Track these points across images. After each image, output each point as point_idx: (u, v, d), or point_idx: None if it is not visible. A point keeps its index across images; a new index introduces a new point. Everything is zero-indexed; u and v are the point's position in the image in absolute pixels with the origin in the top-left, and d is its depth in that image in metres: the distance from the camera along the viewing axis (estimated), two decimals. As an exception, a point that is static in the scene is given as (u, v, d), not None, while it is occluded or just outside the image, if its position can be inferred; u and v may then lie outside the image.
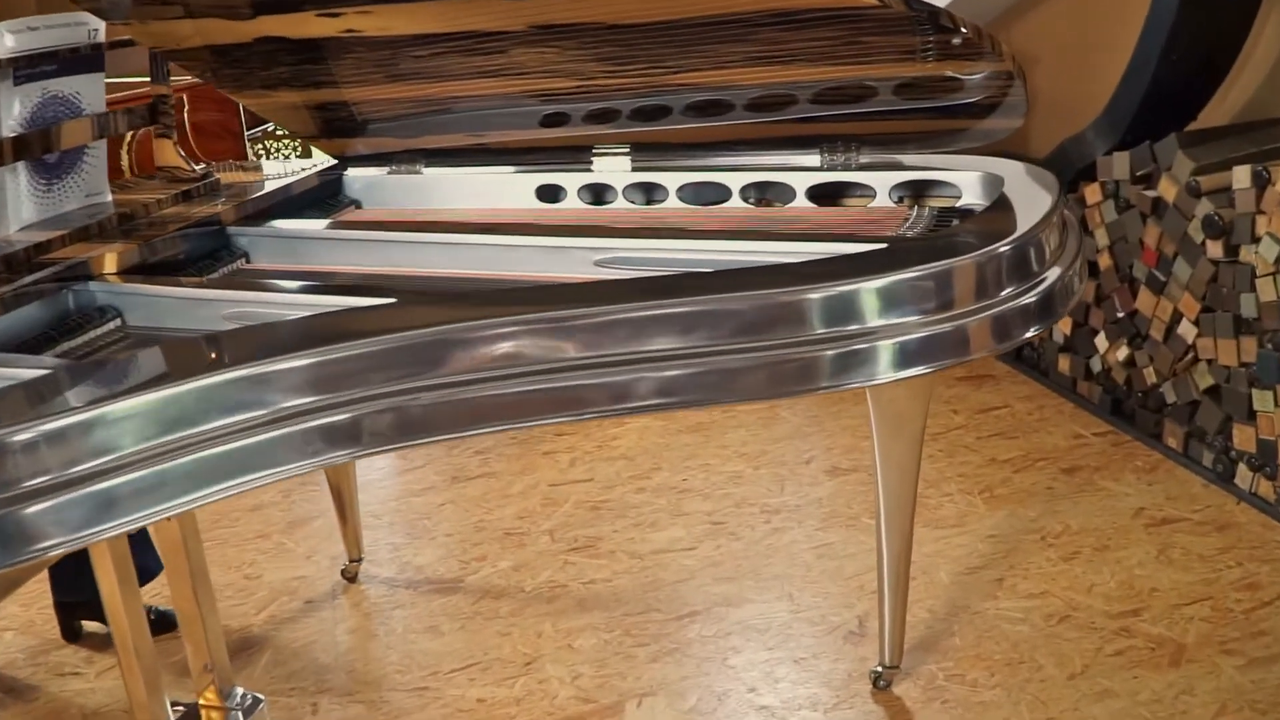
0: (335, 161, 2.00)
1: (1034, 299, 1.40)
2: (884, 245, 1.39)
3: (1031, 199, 1.55)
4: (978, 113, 1.71)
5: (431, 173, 1.98)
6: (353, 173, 2.00)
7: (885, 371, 1.31)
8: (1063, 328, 2.91)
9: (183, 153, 1.82)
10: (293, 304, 1.35)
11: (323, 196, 1.97)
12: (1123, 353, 2.69)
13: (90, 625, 2.14)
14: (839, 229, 1.65)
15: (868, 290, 1.29)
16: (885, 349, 1.30)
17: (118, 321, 1.45)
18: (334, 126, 1.92)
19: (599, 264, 1.52)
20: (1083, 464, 2.55)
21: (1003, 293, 1.37)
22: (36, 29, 1.52)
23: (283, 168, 1.98)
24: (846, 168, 1.82)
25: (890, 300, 1.30)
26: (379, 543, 2.44)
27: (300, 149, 3.74)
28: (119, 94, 2.09)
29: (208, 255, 1.66)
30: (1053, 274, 1.44)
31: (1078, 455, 2.60)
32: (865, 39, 1.59)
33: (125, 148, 2.80)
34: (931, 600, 2.10)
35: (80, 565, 1.58)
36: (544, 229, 1.60)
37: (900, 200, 1.79)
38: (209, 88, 2.01)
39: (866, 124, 1.78)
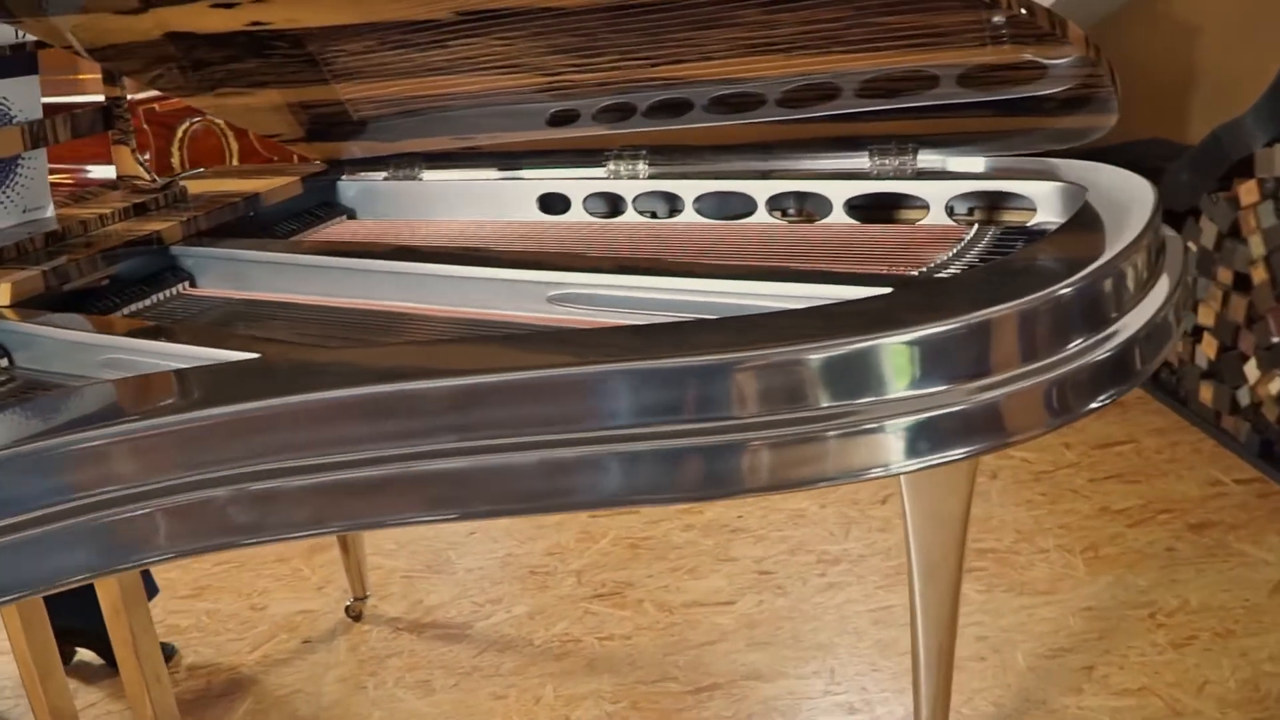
0: (325, 168, 1.77)
1: (1106, 355, 1.03)
2: (888, 289, 1.05)
3: (1116, 219, 1.18)
4: (1059, 109, 1.34)
5: (432, 179, 1.73)
6: (348, 179, 1.77)
7: (891, 461, 0.97)
8: (1206, 350, 2.45)
9: (144, 160, 1.61)
10: (160, 353, 1.12)
11: (310, 206, 1.74)
12: (1277, 385, 2.22)
13: (84, 654, 1.99)
14: (866, 256, 1.30)
15: (855, 354, 0.96)
16: (881, 433, 0.96)
17: (4, 362, 1.25)
18: (319, 129, 1.68)
19: (552, 300, 1.23)
20: (1217, 519, 2.11)
21: (1061, 351, 1.01)
22: (-60, 27, 1.33)
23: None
24: (901, 174, 1.47)
25: (890, 366, 0.97)
26: (394, 574, 2.22)
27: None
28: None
29: (145, 279, 1.44)
30: (1134, 321, 1.07)
31: (1212, 508, 2.15)
32: (921, 16, 1.25)
33: (177, 144, 2.65)
34: (1000, 690, 1.73)
35: (82, 591, 1.40)
36: (499, 258, 1.31)
37: (963, 214, 1.43)
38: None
39: (926, 121, 1.43)
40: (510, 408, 0.94)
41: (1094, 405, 1.02)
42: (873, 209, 1.49)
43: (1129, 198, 1.24)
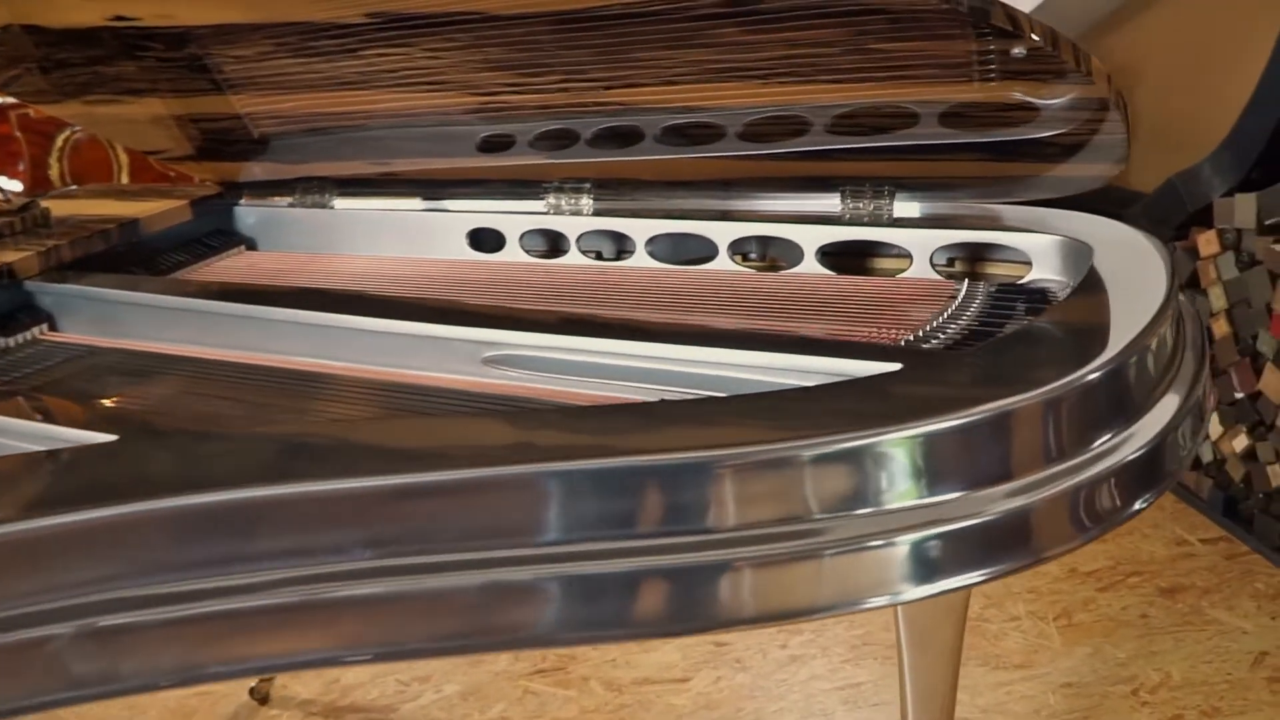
0: (219, 190, 1.55)
1: (1139, 454, 0.87)
2: (895, 367, 0.88)
3: (1131, 284, 1.03)
4: (1056, 154, 1.20)
5: (345, 207, 1.52)
6: (247, 204, 1.55)
7: (900, 586, 0.79)
8: (1163, 403, 2.34)
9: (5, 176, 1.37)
10: (-6, 429, 0.90)
11: (201, 234, 1.52)
12: (1241, 442, 2.12)
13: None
14: (847, 314, 1.14)
15: (858, 452, 0.79)
16: (883, 555, 0.79)
17: None
18: (212, 146, 1.46)
19: (488, 363, 1.04)
20: (1188, 583, 1.99)
21: (1094, 445, 0.85)
22: None
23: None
24: (877, 220, 1.31)
25: (903, 468, 0.79)
26: (304, 649, 1.98)
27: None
28: None
29: (-6, 320, 1.22)
30: (1165, 409, 0.91)
31: (1181, 569, 2.03)
32: (903, 46, 1.08)
33: (55, 155, 2.39)
34: (981, 783, 1.58)
35: None
36: (426, 309, 1.12)
37: (946, 265, 1.27)
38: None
39: (904, 163, 1.27)
40: (439, 517, 0.75)
41: (1138, 507, 0.86)
42: (840, 255, 1.33)
43: (1139, 257, 1.09)
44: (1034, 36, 0.99)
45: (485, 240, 1.45)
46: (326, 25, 1.07)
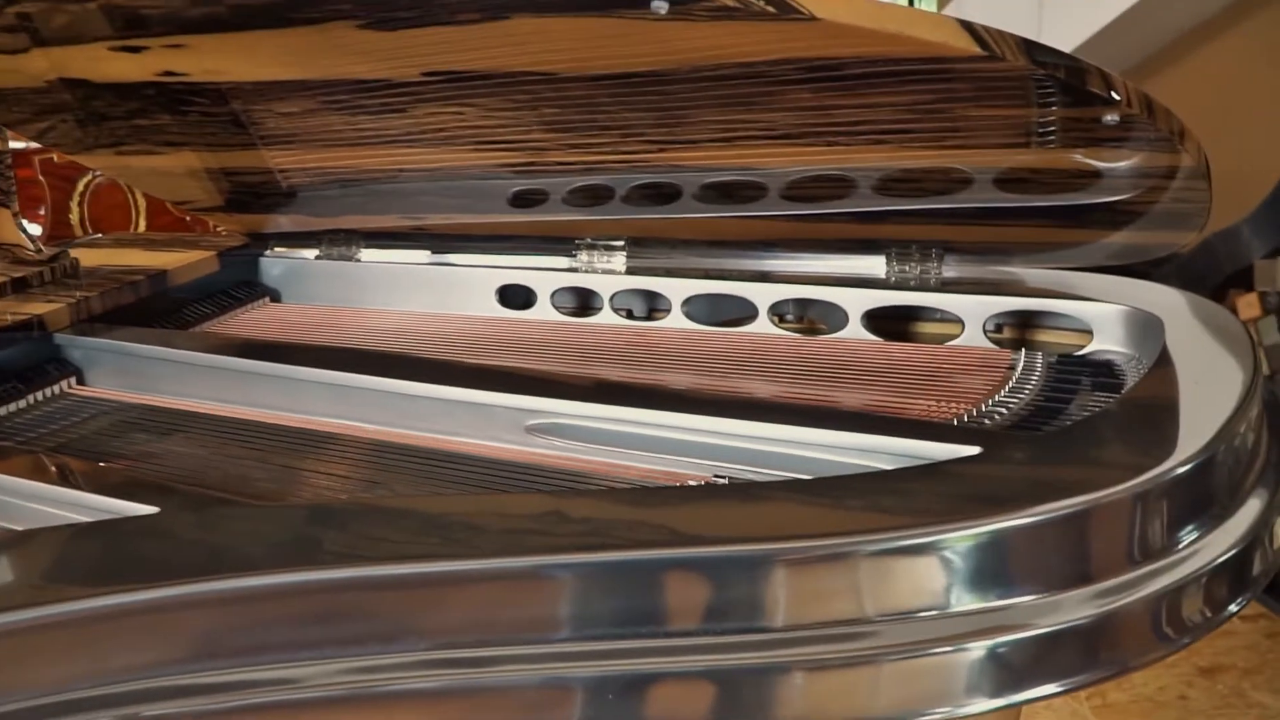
0: (245, 242, 1.52)
1: (1230, 554, 0.82)
2: (974, 451, 0.84)
3: (1211, 361, 0.99)
4: (1124, 220, 1.17)
5: (371, 259, 1.49)
6: (273, 256, 1.52)
7: (965, 697, 0.75)
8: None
9: (28, 225, 1.34)
10: (28, 495, 0.86)
11: (227, 285, 1.48)
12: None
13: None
14: (901, 386, 1.10)
15: (941, 547, 0.74)
16: (950, 662, 0.74)
17: None
18: (240, 198, 1.43)
19: (531, 431, 1.00)
20: (1227, 663, 1.94)
21: (1183, 544, 0.80)
22: None
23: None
24: (924, 284, 1.28)
25: (981, 565, 0.75)
26: None
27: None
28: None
29: (22, 373, 1.18)
30: (1254, 503, 0.87)
31: (1220, 647, 1.98)
32: (958, 108, 1.05)
33: (77, 200, 2.37)
34: None
35: None
36: (466, 373, 1.08)
37: (994, 332, 1.24)
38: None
39: (954, 226, 1.24)
40: (494, 606, 0.71)
41: (1231, 611, 0.81)
42: (882, 318, 1.29)
43: (1214, 331, 1.06)
44: (1129, 102, 0.96)
45: (513, 296, 1.42)
46: (380, 83, 1.05)
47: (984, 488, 0.78)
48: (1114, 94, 0.95)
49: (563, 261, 1.40)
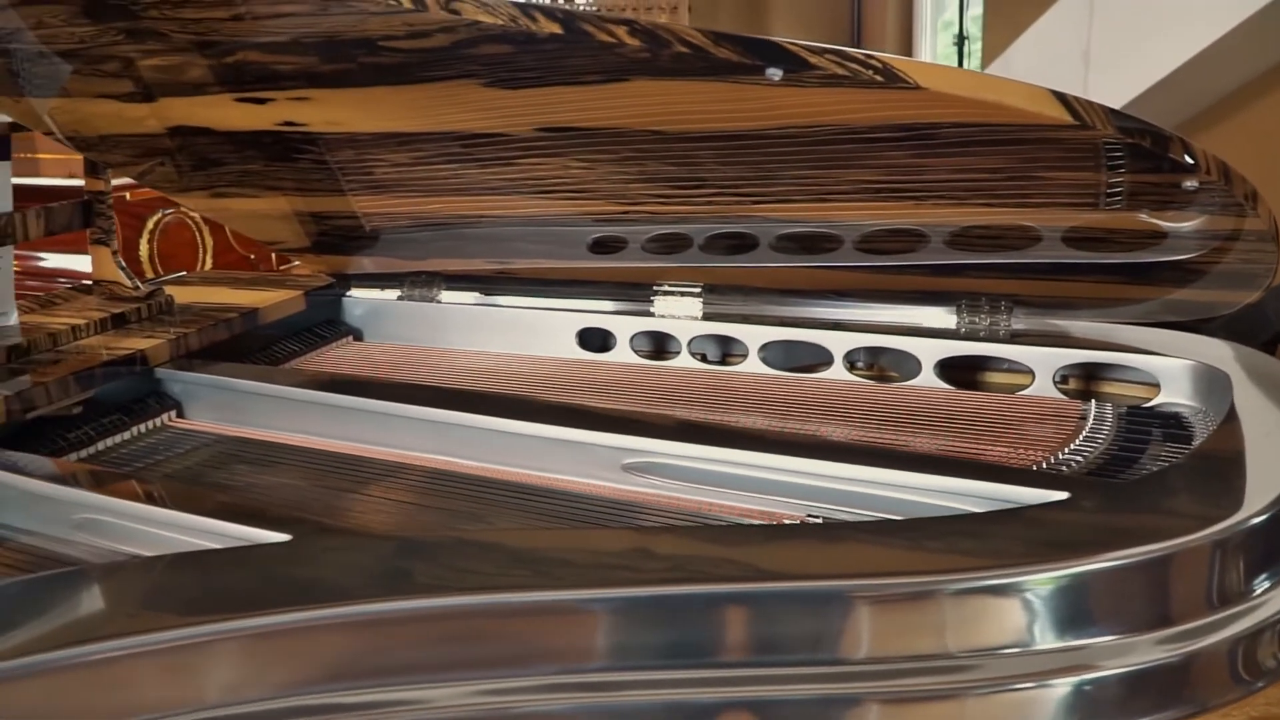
0: (332, 280, 1.57)
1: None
2: (1061, 496, 0.88)
3: (1277, 415, 1.03)
4: (1188, 278, 1.21)
5: (451, 301, 1.55)
6: (356, 295, 1.58)
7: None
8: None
9: (123, 265, 1.41)
10: (149, 520, 0.91)
11: (313, 323, 1.54)
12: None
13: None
14: (976, 433, 1.14)
15: (1032, 587, 0.78)
16: (1032, 700, 0.77)
17: (-50, 509, 1.02)
18: (328, 240, 1.49)
19: (628, 469, 1.05)
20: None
21: (1250, 597, 0.84)
22: (-96, 103, 1.13)
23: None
24: (993, 335, 1.32)
25: (1053, 609, 0.78)
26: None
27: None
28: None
29: (123, 407, 1.23)
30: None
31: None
32: (1038, 170, 1.10)
33: (146, 236, 2.44)
34: None
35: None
36: (563, 412, 1.13)
37: (1060, 383, 1.28)
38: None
39: (1022, 280, 1.29)
40: (614, 634, 0.75)
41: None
42: (951, 367, 1.34)
43: (1276, 385, 1.10)
44: (1207, 169, 1.00)
45: (592, 339, 1.47)
46: (492, 136, 1.10)
47: (1070, 531, 0.82)
48: (1194, 161, 0.99)
49: (640, 306, 1.45)
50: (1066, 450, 1.08)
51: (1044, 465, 1.05)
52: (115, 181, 2.25)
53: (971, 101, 0.88)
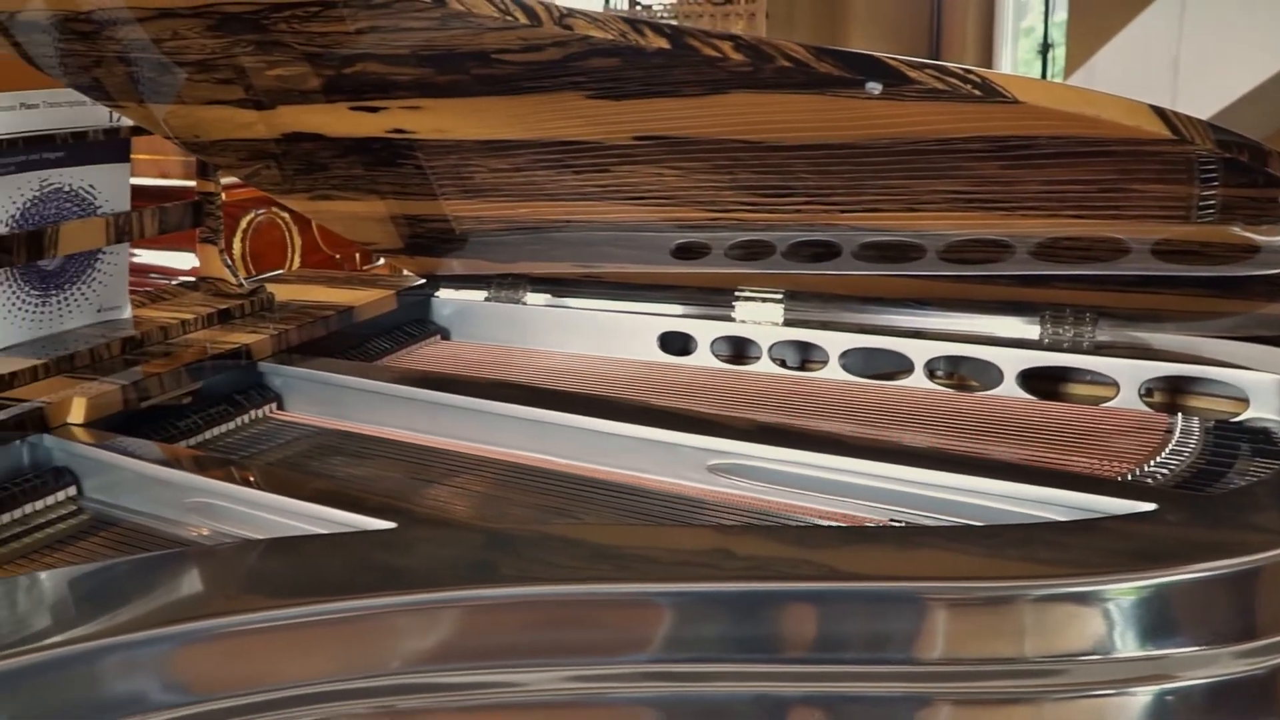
0: (422, 281, 1.63)
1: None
2: (1150, 508, 0.89)
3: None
4: (1276, 291, 1.20)
5: (537, 303, 1.59)
6: (444, 296, 1.63)
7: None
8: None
9: (229, 263, 1.47)
10: (261, 505, 0.96)
11: (404, 322, 1.60)
12: None
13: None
14: (1053, 442, 1.15)
15: (1116, 596, 0.79)
16: (1115, 705, 0.79)
17: (72, 490, 1.09)
18: (420, 242, 1.55)
19: (713, 470, 1.08)
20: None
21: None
22: (35, 106, 1.20)
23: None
24: (1077, 346, 1.33)
25: (1140, 616, 0.79)
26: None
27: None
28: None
29: (228, 398, 1.29)
30: None
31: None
32: (1131, 183, 1.10)
33: (240, 236, 2.53)
34: None
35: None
36: (649, 415, 1.16)
37: (1148, 395, 1.28)
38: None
39: (1108, 292, 1.29)
40: (708, 625, 0.78)
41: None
42: (1032, 378, 1.34)
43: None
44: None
45: (673, 343, 1.50)
46: (590, 144, 1.14)
47: (1156, 542, 0.84)
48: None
49: (722, 311, 1.48)
50: (1152, 463, 1.09)
51: (1129, 478, 1.06)
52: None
53: (1069, 115, 0.90)
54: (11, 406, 1.11)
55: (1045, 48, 6.23)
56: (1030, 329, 1.36)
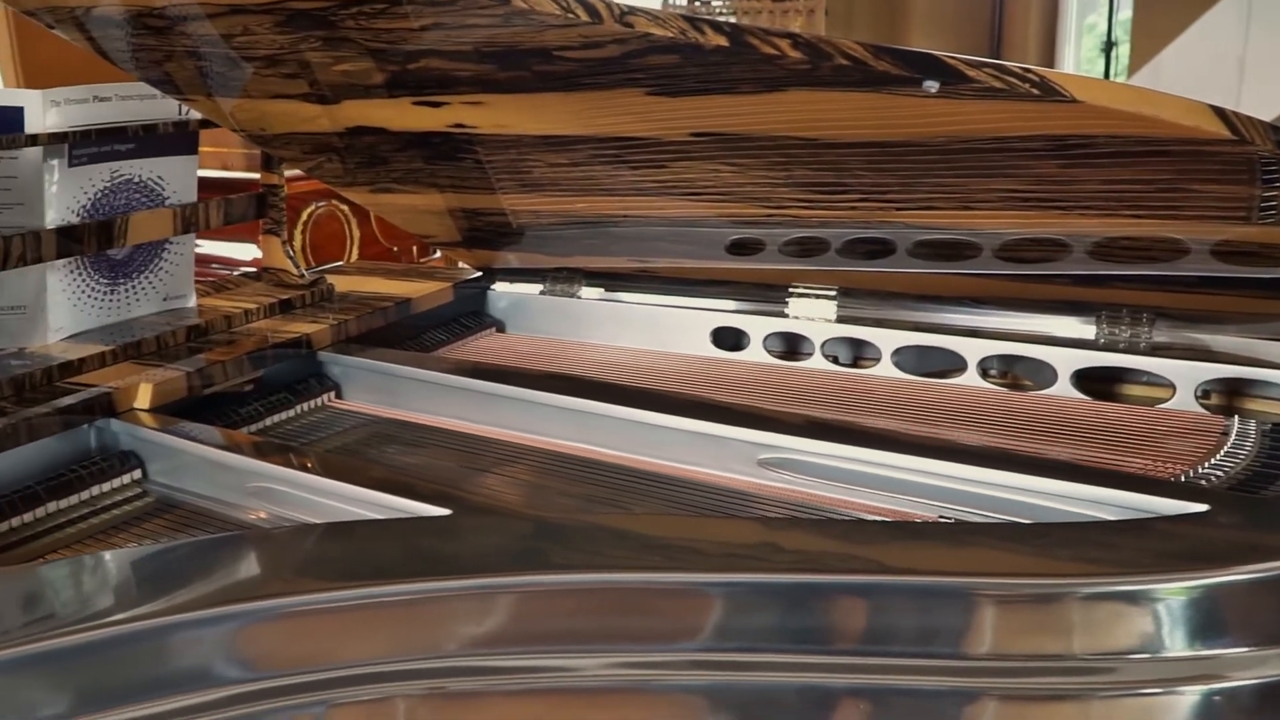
0: (479, 274, 1.65)
1: None
2: (1202, 509, 0.89)
3: None
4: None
5: (591, 297, 1.61)
6: (500, 289, 1.65)
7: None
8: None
9: (292, 254, 1.50)
10: (320, 490, 0.98)
11: (460, 314, 1.62)
12: None
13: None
14: (1106, 442, 1.14)
15: (1163, 596, 0.79)
16: (1159, 706, 0.79)
17: (137, 474, 1.12)
18: (477, 235, 1.57)
19: (763, 464, 1.09)
20: None
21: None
22: (107, 99, 1.24)
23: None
24: (1133, 347, 1.32)
25: (1191, 616, 0.79)
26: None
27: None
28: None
29: (288, 386, 1.32)
30: None
31: None
32: (1191, 183, 1.09)
33: (300, 228, 2.58)
34: None
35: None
36: (701, 408, 1.17)
37: (1205, 396, 1.27)
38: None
39: (1167, 293, 1.28)
40: (757, 615, 0.79)
41: None
42: (1088, 378, 1.33)
43: None
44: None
45: (725, 338, 1.51)
46: (647, 140, 1.16)
47: (1207, 543, 0.83)
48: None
49: (774, 307, 1.48)
50: (1207, 465, 1.08)
51: (1182, 479, 1.05)
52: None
53: (1128, 115, 0.89)
54: (80, 391, 1.15)
55: (1109, 45, 6.14)
56: (1086, 329, 1.35)
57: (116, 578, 0.87)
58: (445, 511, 0.90)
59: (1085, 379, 1.32)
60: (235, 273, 1.68)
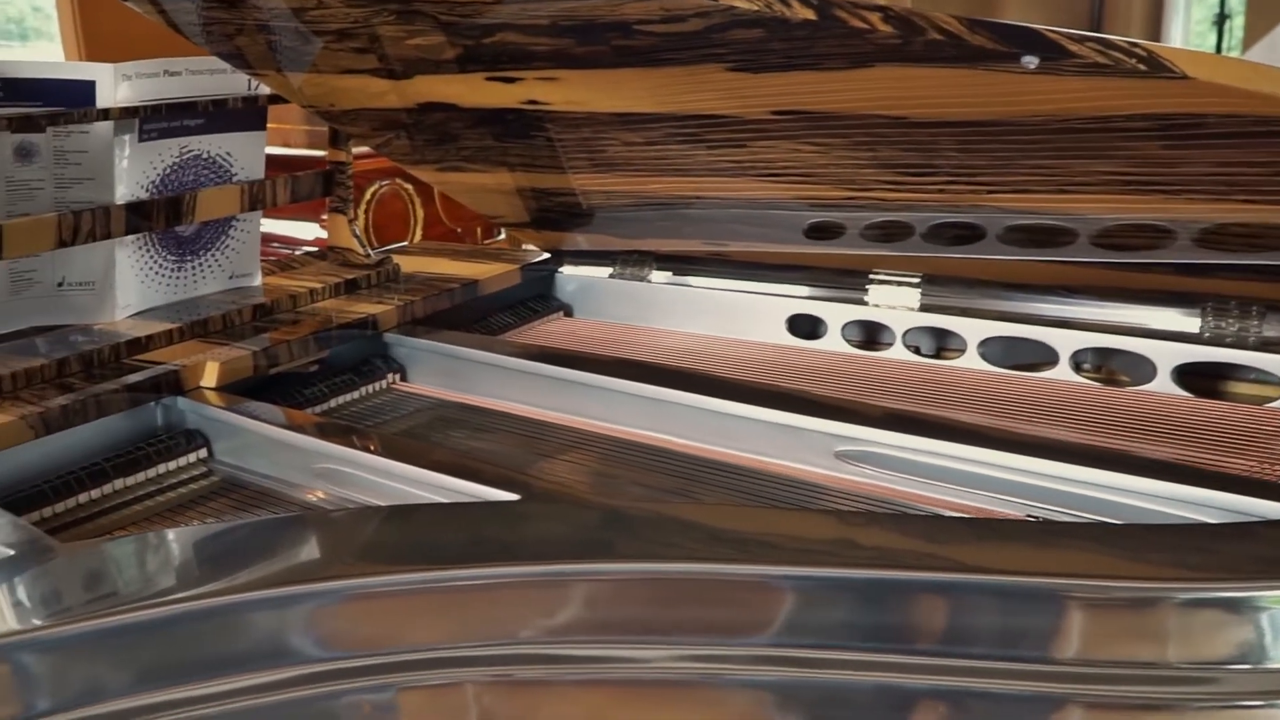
0: (547, 256, 1.67)
1: None
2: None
3: None
4: None
5: (662, 281, 1.62)
6: (568, 272, 1.67)
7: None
8: None
9: (358, 233, 1.54)
10: (386, 473, 1.01)
11: (527, 297, 1.64)
12: None
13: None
14: (1209, 442, 1.13)
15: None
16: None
17: (203, 452, 1.16)
18: (547, 216, 1.59)
19: (840, 457, 1.09)
20: None
21: None
22: (178, 74, 1.28)
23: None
24: (1241, 341, 1.29)
25: None
26: None
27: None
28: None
29: (353, 367, 1.35)
30: None
31: None
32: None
33: (364, 207, 2.62)
34: None
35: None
36: (774, 398, 1.18)
37: (1318, 397, 1.24)
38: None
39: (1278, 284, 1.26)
40: (847, 612, 0.80)
41: None
42: (1190, 374, 1.31)
43: None
44: None
45: (801, 325, 1.52)
46: (727, 118, 1.17)
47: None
48: None
49: (854, 294, 1.48)
50: (1319, 468, 1.06)
51: (1289, 480, 1.04)
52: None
53: (1242, 93, 0.88)
54: (147, 369, 1.19)
55: (1221, 18, 5.97)
56: (1190, 321, 1.33)
57: (181, 556, 0.90)
58: (513, 497, 0.92)
59: (1187, 375, 1.30)
60: (297, 252, 1.72)
